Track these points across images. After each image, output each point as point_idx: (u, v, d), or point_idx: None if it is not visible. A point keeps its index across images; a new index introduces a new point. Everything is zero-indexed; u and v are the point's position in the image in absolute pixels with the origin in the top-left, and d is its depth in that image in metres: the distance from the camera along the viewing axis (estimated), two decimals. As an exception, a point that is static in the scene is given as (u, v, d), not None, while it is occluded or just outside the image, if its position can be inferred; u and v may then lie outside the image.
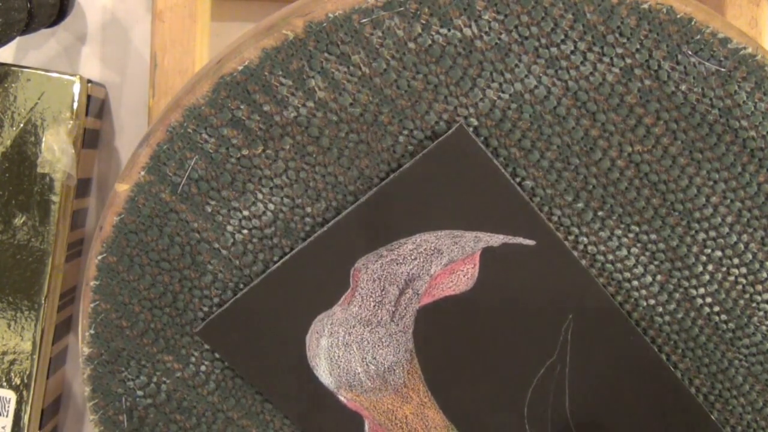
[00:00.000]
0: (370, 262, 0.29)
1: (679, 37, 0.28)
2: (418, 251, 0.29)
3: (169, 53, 0.37)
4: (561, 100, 0.28)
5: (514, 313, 0.30)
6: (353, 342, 0.30)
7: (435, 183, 0.28)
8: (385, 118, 0.28)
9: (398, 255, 0.29)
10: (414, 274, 0.29)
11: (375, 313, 0.29)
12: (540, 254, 0.29)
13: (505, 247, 0.29)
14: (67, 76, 0.37)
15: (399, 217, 0.29)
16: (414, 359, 0.30)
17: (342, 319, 0.29)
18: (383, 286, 0.29)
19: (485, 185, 0.28)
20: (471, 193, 0.28)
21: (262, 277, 0.29)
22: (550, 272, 0.29)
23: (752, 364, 0.31)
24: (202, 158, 0.28)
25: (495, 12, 0.27)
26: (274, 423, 0.31)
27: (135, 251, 0.29)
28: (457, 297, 0.29)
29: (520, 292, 0.29)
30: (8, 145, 0.37)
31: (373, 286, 0.29)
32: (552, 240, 0.29)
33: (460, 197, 0.28)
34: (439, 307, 0.29)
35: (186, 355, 0.30)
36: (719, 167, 0.29)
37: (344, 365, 0.30)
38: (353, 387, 0.30)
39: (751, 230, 0.29)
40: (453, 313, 0.29)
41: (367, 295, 0.29)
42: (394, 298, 0.29)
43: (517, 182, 0.29)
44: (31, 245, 0.37)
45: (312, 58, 0.28)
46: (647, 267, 0.30)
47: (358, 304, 0.29)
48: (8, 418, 0.37)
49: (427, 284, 0.29)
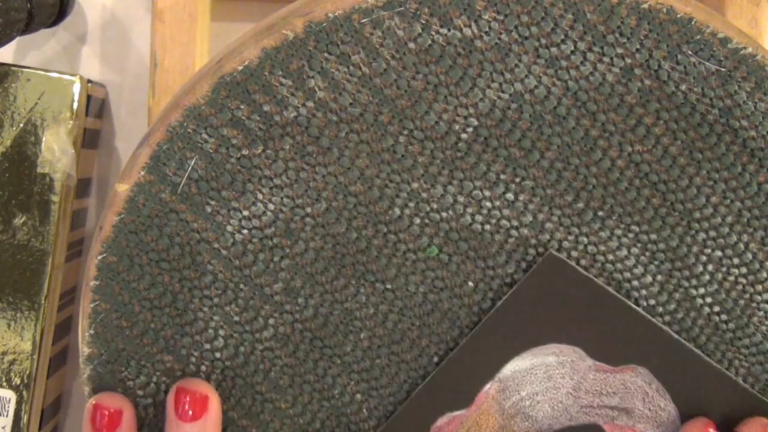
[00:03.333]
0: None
1: (679, 37, 0.28)
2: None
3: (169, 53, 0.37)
4: (561, 100, 0.28)
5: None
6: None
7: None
8: (385, 118, 0.28)
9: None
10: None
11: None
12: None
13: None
14: (67, 76, 0.37)
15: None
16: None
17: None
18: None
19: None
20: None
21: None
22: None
23: (752, 364, 0.31)
24: (202, 158, 0.28)
25: (495, 12, 0.27)
26: (274, 423, 0.31)
27: (135, 251, 0.29)
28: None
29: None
30: (8, 145, 0.37)
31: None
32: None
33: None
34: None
35: (186, 355, 0.30)
36: (719, 167, 0.29)
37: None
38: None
39: (751, 230, 0.29)
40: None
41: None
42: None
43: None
44: (31, 245, 0.37)
45: (312, 58, 0.28)
46: (647, 267, 0.30)
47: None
48: (8, 418, 0.37)
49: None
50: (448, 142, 0.29)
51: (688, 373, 0.30)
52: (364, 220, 0.29)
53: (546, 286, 0.30)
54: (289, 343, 0.30)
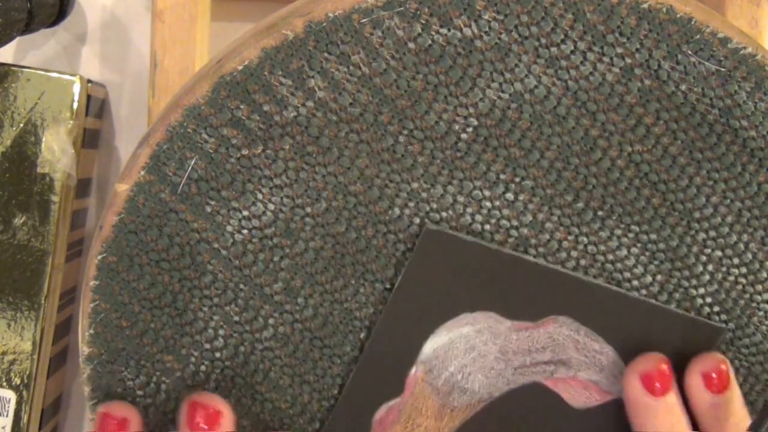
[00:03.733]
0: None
1: (679, 36, 0.28)
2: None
3: (169, 53, 0.37)
4: (561, 100, 0.28)
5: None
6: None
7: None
8: (385, 118, 0.28)
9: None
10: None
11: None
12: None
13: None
14: (67, 76, 0.37)
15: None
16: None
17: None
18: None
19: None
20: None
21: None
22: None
23: (752, 364, 0.31)
24: (202, 158, 0.28)
25: (495, 12, 0.27)
26: (273, 423, 0.31)
27: (135, 251, 0.29)
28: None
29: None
30: (8, 145, 0.37)
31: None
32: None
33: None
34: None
35: (186, 355, 0.30)
36: (719, 167, 0.29)
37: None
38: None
39: (751, 230, 0.29)
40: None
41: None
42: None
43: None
44: (31, 245, 0.37)
45: (312, 58, 0.28)
46: (647, 267, 0.30)
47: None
48: (8, 418, 0.37)
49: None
50: (448, 142, 0.29)
51: (613, 312, 0.30)
52: (363, 219, 0.29)
53: (437, 261, 0.29)
54: (289, 343, 0.30)
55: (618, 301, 0.30)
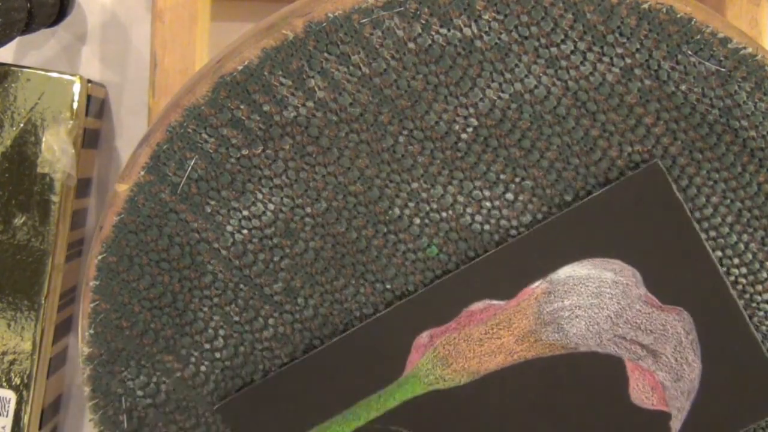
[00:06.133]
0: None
1: (679, 37, 0.28)
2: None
3: (169, 53, 0.37)
4: (561, 100, 0.28)
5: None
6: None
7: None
8: (385, 118, 0.28)
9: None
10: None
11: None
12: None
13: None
14: (67, 76, 0.37)
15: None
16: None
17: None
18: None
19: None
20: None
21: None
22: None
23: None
24: (201, 158, 0.28)
25: (495, 12, 0.27)
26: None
27: (135, 251, 0.29)
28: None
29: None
30: (8, 145, 0.37)
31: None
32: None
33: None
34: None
35: (186, 355, 0.30)
36: (719, 167, 0.29)
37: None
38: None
39: (751, 230, 0.29)
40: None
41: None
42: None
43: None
44: (31, 245, 0.37)
45: (312, 58, 0.28)
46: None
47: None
48: (8, 418, 0.37)
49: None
50: (448, 142, 0.29)
51: (727, 335, 0.29)
52: (364, 220, 0.29)
53: (636, 197, 0.28)
54: (289, 343, 0.30)
55: (738, 329, 0.30)
